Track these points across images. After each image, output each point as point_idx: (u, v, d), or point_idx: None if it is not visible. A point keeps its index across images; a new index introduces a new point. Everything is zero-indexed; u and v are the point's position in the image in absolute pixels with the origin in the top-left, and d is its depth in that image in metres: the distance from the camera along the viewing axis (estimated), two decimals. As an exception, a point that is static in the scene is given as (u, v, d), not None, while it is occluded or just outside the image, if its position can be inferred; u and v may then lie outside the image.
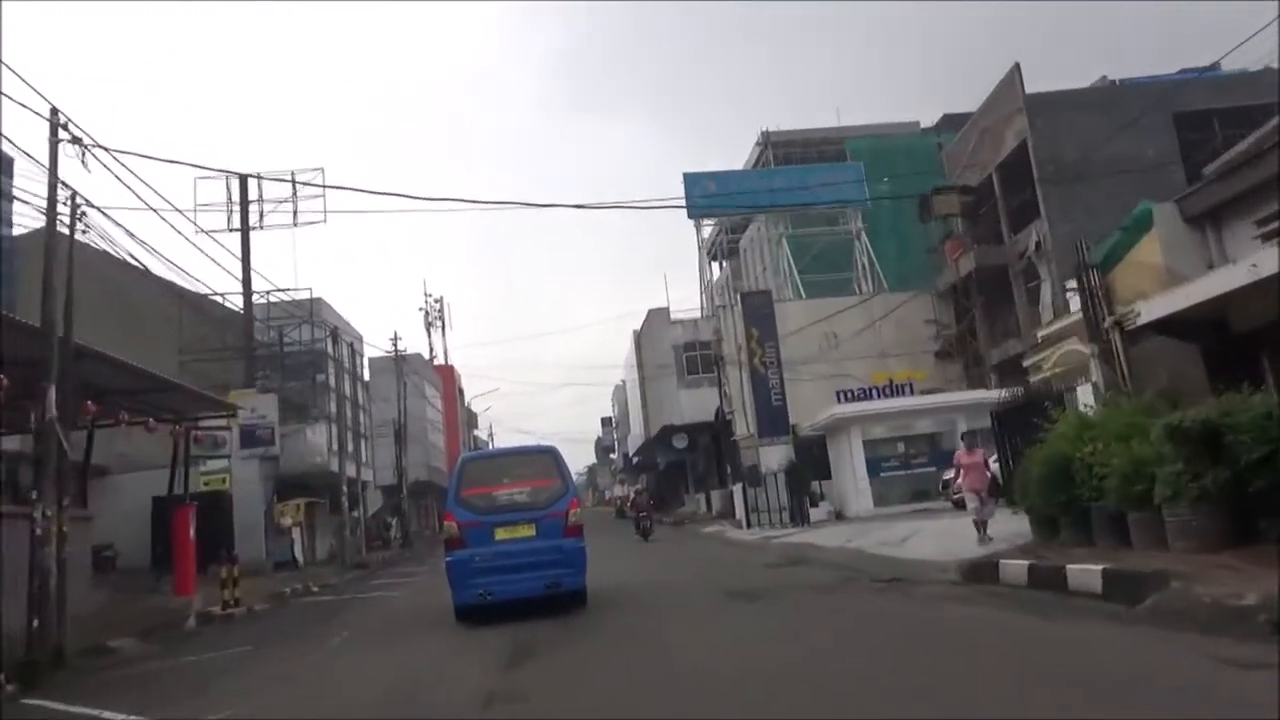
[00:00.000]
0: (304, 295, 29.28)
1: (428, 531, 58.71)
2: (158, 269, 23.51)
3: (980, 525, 12.67)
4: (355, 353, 33.82)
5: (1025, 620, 7.45)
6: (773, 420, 31.54)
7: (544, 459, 11.77)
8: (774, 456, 31.56)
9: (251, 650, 11.13)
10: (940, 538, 13.58)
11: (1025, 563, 9.37)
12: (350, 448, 29.89)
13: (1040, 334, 27.79)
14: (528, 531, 10.72)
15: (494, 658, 8.08)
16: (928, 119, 52.77)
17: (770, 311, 33.27)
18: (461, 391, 71.13)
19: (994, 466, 14.89)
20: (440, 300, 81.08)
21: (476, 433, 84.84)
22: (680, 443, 41.23)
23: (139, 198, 33.35)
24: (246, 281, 27.90)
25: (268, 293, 28.14)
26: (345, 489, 28.80)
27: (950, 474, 24.02)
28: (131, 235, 30.31)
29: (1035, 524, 11.61)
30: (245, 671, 9.39)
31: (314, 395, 30.07)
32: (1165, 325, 12.74)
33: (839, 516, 28.54)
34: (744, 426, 35.69)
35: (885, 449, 28.88)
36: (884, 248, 45.10)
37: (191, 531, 17.25)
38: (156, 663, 10.89)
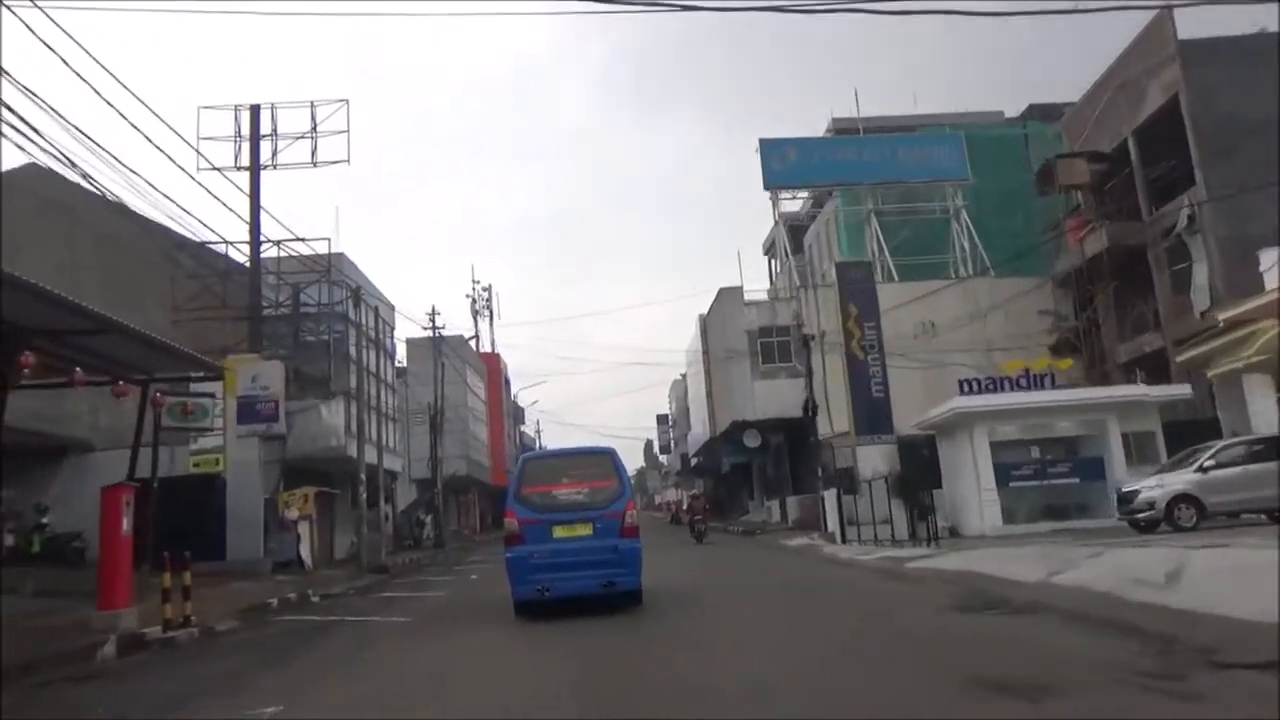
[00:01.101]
0: (321, 246, 24.79)
1: (466, 530, 54.20)
2: (152, 213, 19.02)
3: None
4: (383, 321, 29.33)
5: None
6: (873, 415, 26.39)
7: (603, 460, 11.93)
8: (873, 459, 26.39)
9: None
10: (1244, 577, 8.43)
11: None
12: (372, 430, 25.31)
13: (1224, 316, 22.28)
14: (585, 530, 10.93)
15: None
16: (1010, 110, 47.12)
17: (871, 286, 28.15)
18: (508, 382, 66.79)
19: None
20: (489, 289, 77.40)
21: (523, 428, 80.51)
22: (752, 441, 36.12)
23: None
24: (254, 226, 23.57)
25: (279, 242, 23.73)
26: (364, 478, 24.20)
27: (1135, 484, 18.80)
28: (119, 161, 25.36)
29: None
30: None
31: (332, 367, 25.60)
32: None
33: (953, 534, 23.30)
34: (829, 423, 30.57)
35: (1015, 453, 23.52)
36: (984, 232, 39.62)
37: (127, 522, 12.61)
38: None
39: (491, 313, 68.93)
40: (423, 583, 19.84)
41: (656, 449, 72.64)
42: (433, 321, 35.90)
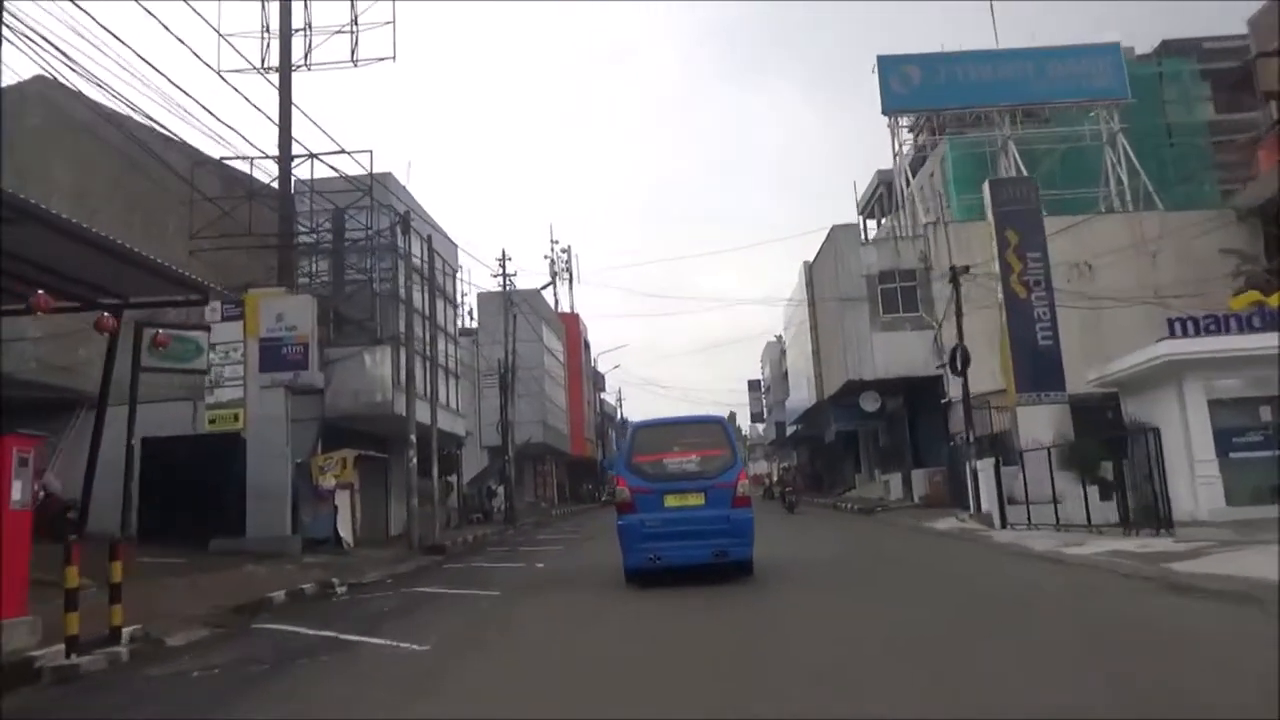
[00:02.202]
0: (364, 163, 20.56)
1: (544, 503, 50.37)
2: (177, 126, 15.12)
3: None
4: (441, 260, 25.14)
5: None
6: (1039, 368, 21.22)
7: (714, 429, 11.96)
8: (1035, 423, 21.17)
9: None
10: None
11: None
12: (425, 383, 21.15)
13: None
14: (697, 500, 10.86)
15: None
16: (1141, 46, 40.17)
17: (1036, 208, 22.74)
18: (587, 345, 62.63)
19: None
20: (568, 250, 73.22)
21: (603, 395, 76.51)
22: (870, 404, 31.02)
23: None
24: (284, 135, 19.52)
25: (315, 156, 19.67)
26: (414, 440, 20.11)
27: None
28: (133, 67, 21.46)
29: None
30: None
31: (378, 307, 21.50)
32: None
33: (1149, 516, 18.04)
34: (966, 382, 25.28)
35: (1239, 415, 18.11)
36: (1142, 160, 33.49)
37: (19, 489, 8.44)
38: None
39: (571, 275, 64.87)
40: (476, 572, 15.56)
41: (748, 418, 67.91)
42: (503, 267, 31.75)
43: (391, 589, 13.73)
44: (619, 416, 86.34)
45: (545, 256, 63.86)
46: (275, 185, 19.98)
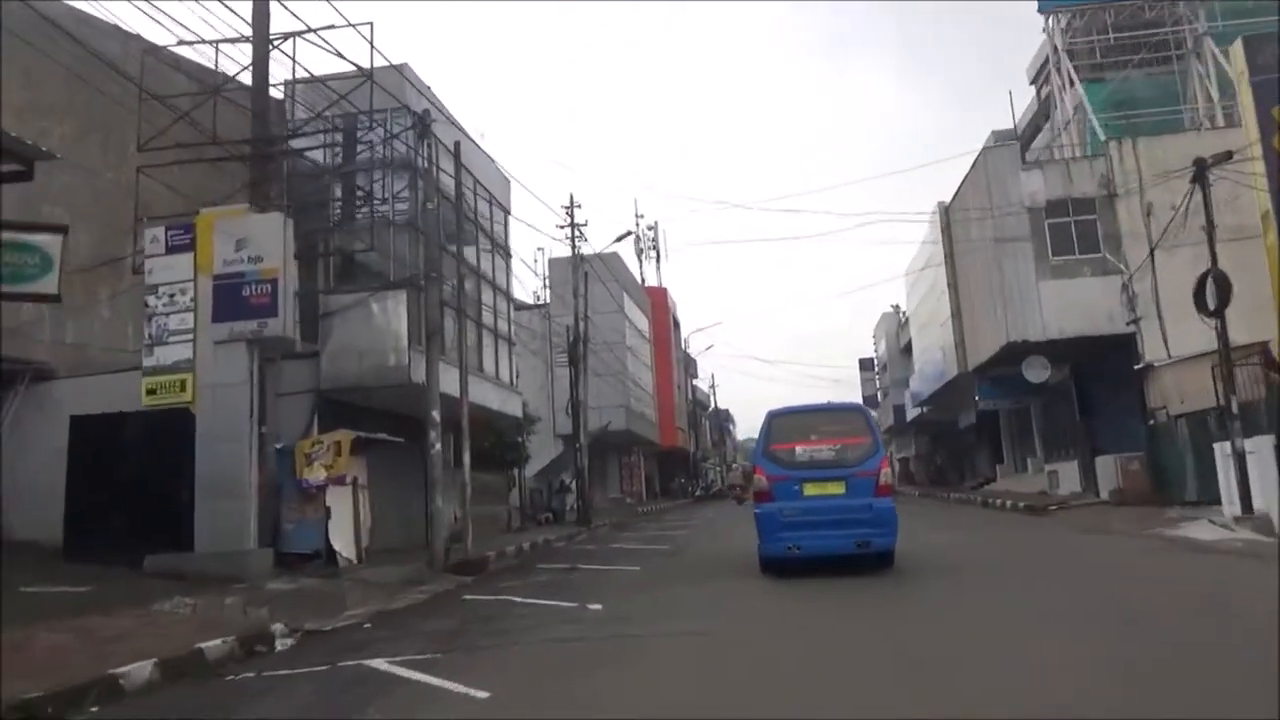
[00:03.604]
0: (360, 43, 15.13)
1: (629, 499, 44.75)
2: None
3: None
4: (484, 191, 19.70)
5: None
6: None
7: (853, 416, 11.86)
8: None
9: None
10: None
11: None
12: (453, 338, 15.62)
13: None
14: (837, 489, 10.66)
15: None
16: None
17: (1315, 74, 15.91)
18: (677, 324, 56.76)
19: None
20: (654, 226, 67.60)
21: (695, 382, 70.57)
22: (1037, 373, 24.30)
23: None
24: (260, 8, 14.34)
25: (295, 35, 14.42)
26: (436, 417, 14.67)
27: None
28: None
29: None
30: None
31: (392, 242, 16.13)
32: None
33: None
34: (1164, 341, 18.67)
35: None
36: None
37: None
38: None
39: (659, 253, 59.12)
40: (497, 618, 9.74)
41: (861, 400, 60.66)
42: (570, 215, 26.19)
43: (361, 647, 8.18)
44: (711, 405, 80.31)
45: (629, 232, 57.95)
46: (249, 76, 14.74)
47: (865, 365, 60.16)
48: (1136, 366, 22.55)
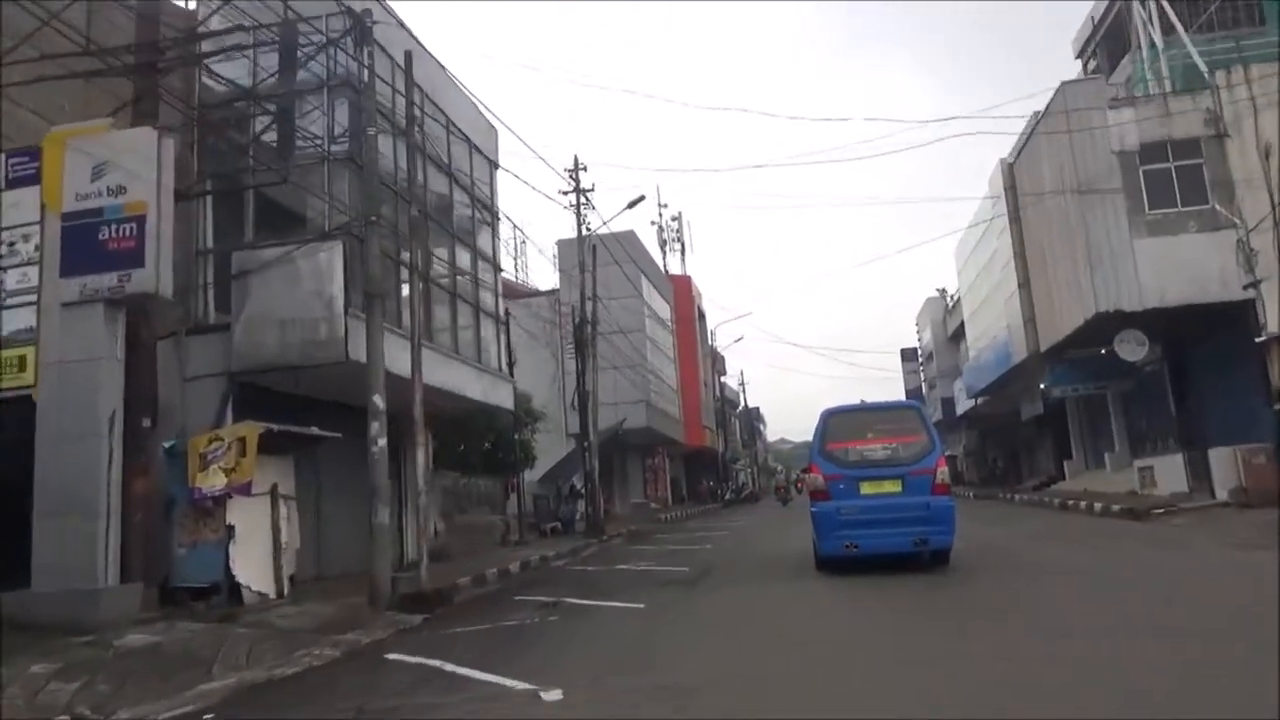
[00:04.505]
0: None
1: (653, 504, 41.05)
2: None
3: None
4: (459, 133, 16.16)
5: None
6: None
7: (909, 414, 11.83)
8: None
9: None
10: None
11: None
12: (415, 311, 11.95)
13: None
14: (894, 487, 10.71)
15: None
16: None
17: None
18: (702, 315, 52.98)
19: None
20: (678, 217, 63.86)
21: (723, 379, 66.70)
22: (1133, 349, 20.29)
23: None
24: None
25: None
26: (379, 403, 11.08)
27: None
28: None
29: None
30: None
31: (326, 179, 12.58)
32: None
33: None
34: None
35: None
36: None
37: None
38: None
39: (684, 246, 55.40)
40: (411, 706, 6.19)
41: (902, 395, 56.44)
42: (575, 179, 22.58)
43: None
44: (741, 403, 76.40)
45: (652, 223, 54.41)
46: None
47: (908, 356, 55.83)
48: (1258, 339, 18.57)
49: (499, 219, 18.16)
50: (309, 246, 11.92)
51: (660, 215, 55.52)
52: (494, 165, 18.42)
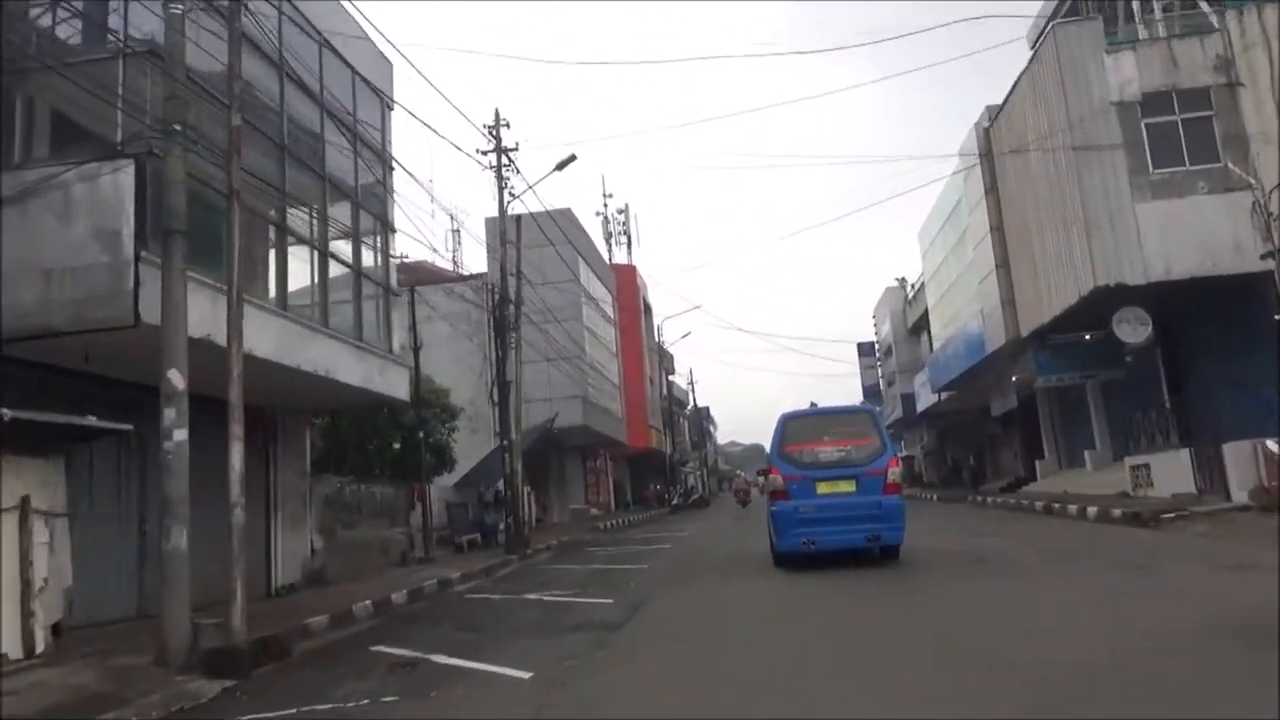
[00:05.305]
0: None
1: (594, 509, 37.92)
2: None
3: None
4: (318, 35, 13.01)
5: None
6: None
7: (862, 418, 12.40)
8: None
9: None
10: None
11: None
12: (234, 257, 8.76)
13: None
14: (848, 487, 11.22)
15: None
16: None
17: None
18: (648, 308, 50.06)
19: None
20: (625, 209, 60.78)
21: (673, 378, 63.82)
22: (1134, 330, 17.73)
23: None
24: None
25: None
26: (177, 382, 7.87)
27: None
28: None
29: None
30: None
31: (122, 76, 9.35)
32: None
33: None
34: None
35: None
36: None
37: None
38: None
39: (630, 239, 52.51)
40: None
41: (859, 393, 54.01)
42: (496, 135, 19.44)
43: None
44: (690, 403, 73.65)
45: (597, 214, 51.44)
46: None
47: (864, 351, 53.36)
48: (1279, 316, 16.15)
49: (391, 169, 14.95)
50: (90, 167, 8.65)
51: (605, 206, 52.66)
52: (388, 105, 15.23)
